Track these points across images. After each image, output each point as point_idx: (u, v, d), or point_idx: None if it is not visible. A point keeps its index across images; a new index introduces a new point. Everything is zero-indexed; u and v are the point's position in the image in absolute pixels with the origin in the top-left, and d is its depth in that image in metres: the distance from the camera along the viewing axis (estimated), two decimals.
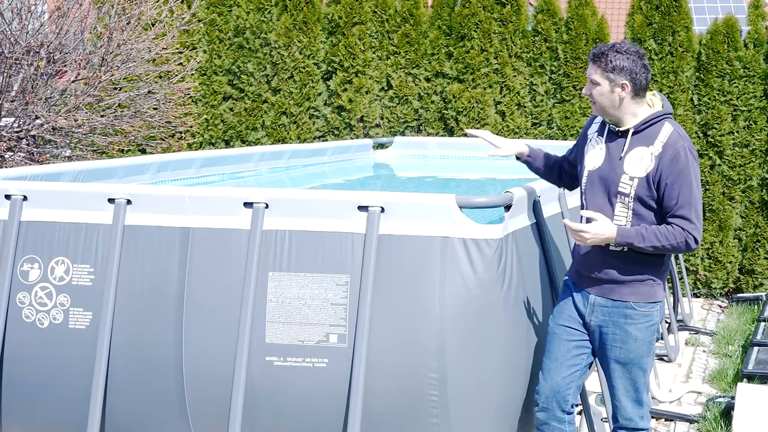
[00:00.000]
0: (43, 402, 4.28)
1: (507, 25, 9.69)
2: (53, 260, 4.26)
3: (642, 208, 4.03)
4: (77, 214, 4.26)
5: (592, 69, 4.09)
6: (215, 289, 4.12)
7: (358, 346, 3.94)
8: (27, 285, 4.27)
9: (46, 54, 6.81)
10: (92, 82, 6.84)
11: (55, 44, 6.82)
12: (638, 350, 4.14)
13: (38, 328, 4.24)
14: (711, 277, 9.53)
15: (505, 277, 4.08)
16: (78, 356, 4.19)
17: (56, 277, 4.25)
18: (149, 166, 5.87)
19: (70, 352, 4.21)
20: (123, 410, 4.22)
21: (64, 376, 4.23)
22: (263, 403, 4.07)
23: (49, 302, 4.24)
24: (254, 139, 9.91)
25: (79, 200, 4.27)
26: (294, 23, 9.83)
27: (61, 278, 4.25)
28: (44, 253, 4.28)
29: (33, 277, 4.27)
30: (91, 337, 4.17)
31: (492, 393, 4.10)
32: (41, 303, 4.25)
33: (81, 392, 4.19)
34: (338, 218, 4.06)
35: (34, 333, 4.25)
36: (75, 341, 4.20)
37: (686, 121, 9.40)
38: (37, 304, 4.26)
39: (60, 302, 4.23)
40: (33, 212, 4.30)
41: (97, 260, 4.22)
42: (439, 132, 9.83)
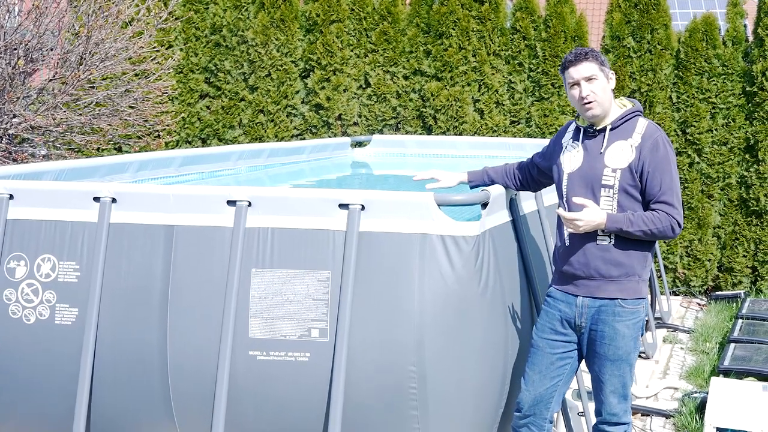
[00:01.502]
0: (30, 397, 4.48)
1: (485, 23, 9.93)
2: (39, 257, 4.46)
3: (626, 200, 4.27)
4: (63, 213, 4.46)
5: (584, 67, 4.31)
6: (199, 286, 4.32)
7: (339, 340, 4.15)
8: (13, 282, 4.47)
9: (25, 53, 6.99)
10: (71, 81, 7.03)
11: (33, 43, 7.00)
12: (626, 346, 4.35)
13: (25, 324, 4.44)
14: (690, 275, 9.79)
15: (482, 273, 4.30)
16: (64, 351, 4.39)
17: (42, 274, 4.45)
18: (130, 164, 6.08)
19: (56, 348, 4.41)
20: (108, 405, 4.42)
21: (51, 371, 4.43)
22: (247, 396, 4.28)
23: (36, 299, 4.44)
24: (231, 138, 10.11)
25: (65, 199, 4.47)
26: (271, 21, 10.04)
27: (47, 275, 4.45)
28: (30, 250, 4.47)
29: (19, 274, 4.47)
30: (77, 332, 4.37)
31: (471, 385, 4.33)
32: (28, 299, 4.45)
33: (67, 387, 4.39)
34: (320, 216, 4.27)
35: (20, 329, 4.44)
36: (61, 337, 4.40)
37: (665, 119, 9.66)
38: (24, 301, 4.45)
39: (46, 299, 4.43)
40: (19, 210, 4.50)
41: (83, 257, 4.42)
42: (418, 130, 10.05)
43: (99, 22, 7.43)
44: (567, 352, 4.43)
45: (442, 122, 9.91)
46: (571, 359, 4.46)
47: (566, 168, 4.42)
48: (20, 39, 7.07)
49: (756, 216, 9.59)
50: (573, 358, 4.46)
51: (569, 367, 4.47)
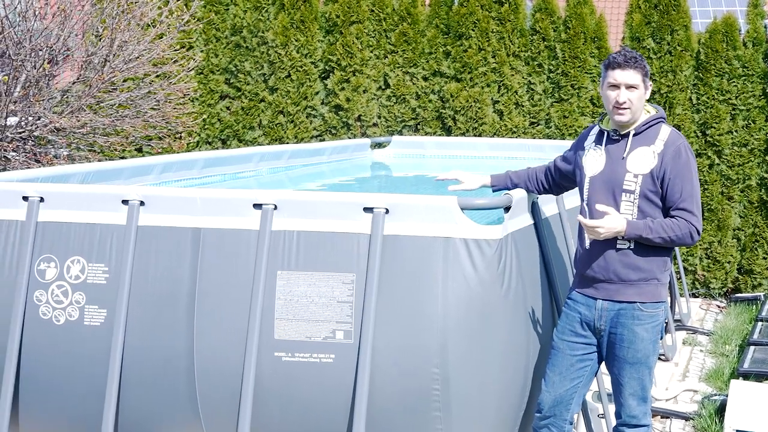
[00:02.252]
0: (59, 397, 4.60)
1: (505, 24, 10.02)
2: (69, 259, 4.58)
3: (646, 205, 4.36)
4: (92, 215, 4.58)
5: (629, 74, 4.37)
6: (225, 288, 4.43)
7: (363, 342, 4.25)
8: (44, 283, 4.59)
9: (49, 55, 7.14)
10: (94, 83, 7.17)
11: (59, 46, 7.14)
12: (645, 350, 4.44)
13: (55, 325, 4.57)
14: (710, 277, 9.86)
15: (504, 276, 4.40)
16: (93, 352, 4.51)
17: (72, 275, 4.57)
18: (154, 167, 6.20)
19: (85, 348, 4.53)
20: (136, 405, 4.54)
21: (80, 371, 4.55)
22: (272, 397, 4.39)
23: (65, 300, 4.57)
24: (251, 139, 10.24)
25: (94, 202, 4.59)
26: (291, 22, 10.16)
27: (76, 277, 4.57)
28: (60, 252, 4.60)
29: (50, 275, 4.59)
30: (106, 333, 4.49)
31: (493, 388, 4.42)
32: (57, 301, 4.57)
33: (95, 387, 4.50)
34: (344, 219, 4.37)
35: (50, 330, 4.57)
36: (90, 337, 4.52)
37: (685, 121, 9.72)
38: (54, 302, 4.58)
39: (76, 300, 4.55)
40: (49, 213, 4.62)
41: (112, 259, 4.54)
42: (437, 131, 10.15)
43: (122, 24, 7.56)
44: (587, 354, 4.53)
45: (461, 123, 10.01)
46: (591, 361, 4.55)
47: (588, 171, 4.51)
48: (45, 41, 7.22)
49: None
50: (593, 360, 4.55)
51: (589, 369, 4.56)
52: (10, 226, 4.65)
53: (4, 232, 4.65)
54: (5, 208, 4.66)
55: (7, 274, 4.61)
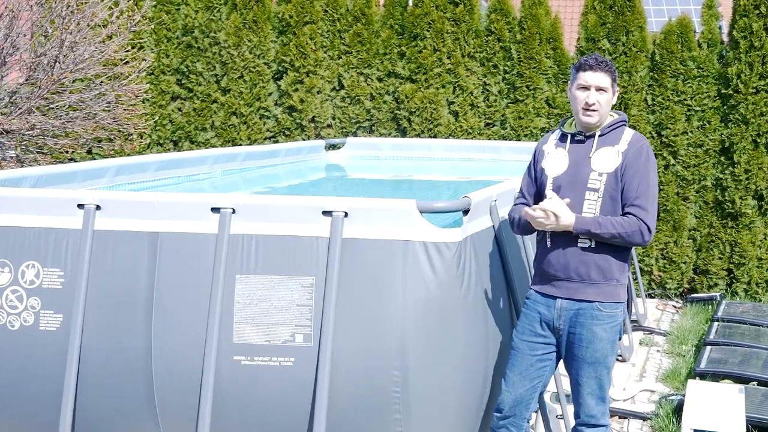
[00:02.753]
0: (15, 402, 4.61)
1: (460, 25, 10.13)
2: (24, 264, 4.60)
3: (610, 204, 4.48)
4: (47, 219, 4.60)
5: (600, 77, 4.52)
6: (184, 292, 4.48)
7: (323, 345, 4.32)
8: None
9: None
10: (45, 84, 7.17)
11: (7, 46, 7.13)
12: (604, 349, 4.55)
13: (9, 330, 4.58)
14: (665, 278, 10.03)
15: (464, 278, 4.49)
16: (49, 357, 4.53)
17: (27, 280, 4.59)
18: (108, 170, 6.22)
19: (41, 354, 4.55)
20: (93, 410, 4.56)
21: (36, 376, 4.57)
22: (231, 401, 4.44)
23: (20, 305, 4.58)
24: (203, 140, 10.26)
25: (49, 206, 4.62)
26: (244, 22, 10.19)
27: (31, 282, 4.59)
28: (15, 257, 4.61)
29: (3, 280, 4.61)
30: (62, 338, 4.51)
31: (453, 388, 4.51)
32: (12, 306, 4.59)
33: (52, 393, 4.53)
34: (303, 222, 4.44)
35: (5, 335, 4.58)
36: (46, 343, 4.54)
37: (640, 122, 9.89)
38: (8, 307, 4.59)
39: (31, 305, 4.57)
40: (3, 217, 4.64)
41: (67, 264, 4.57)
42: (392, 132, 10.24)
43: (72, 25, 7.56)
44: (546, 354, 4.63)
45: (416, 124, 10.10)
46: (550, 361, 4.65)
47: (550, 172, 4.62)
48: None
49: (731, 218, 9.83)
50: (552, 360, 4.66)
51: (548, 368, 4.67)
52: None
53: None
54: None
55: None
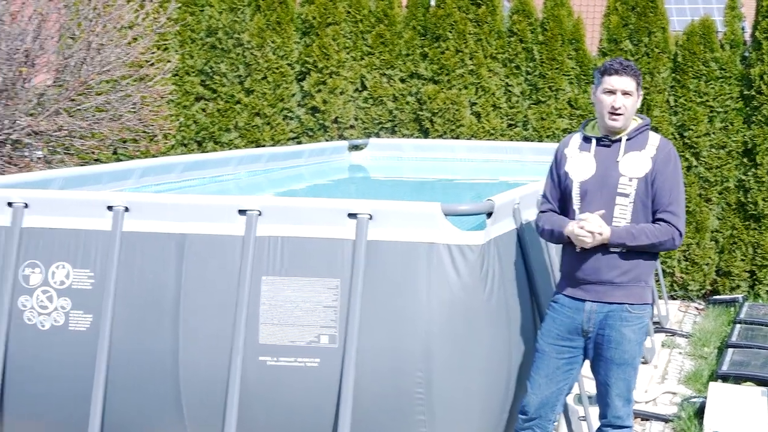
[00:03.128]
0: (45, 402, 4.69)
1: (482, 26, 10.16)
2: (54, 265, 4.68)
3: (640, 209, 4.52)
4: (77, 221, 4.68)
5: (626, 81, 4.55)
6: (210, 293, 4.54)
7: (348, 346, 4.38)
8: (28, 289, 4.68)
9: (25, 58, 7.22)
10: (72, 86, 7.26)
11: (36, 49, 7.23)
12: (632, 351, 4.60)
13: (40, 331, 4.66)
14: (688, 279, 10.04)
15: (487, 281, 4.54)
16: (78, 357, 4.60)
17: (57, 281, 4.67)
18: (134, 171, 6.31)
19: (70, 353, 4.62)
20: (121, 410, 4.63)
21: (65, 376, 4.64)
22: (257, 401, 4.50)
23: (50, 305, 4.66)
24: (227, 141, 10.33)
25: (79, 207, 4.69)
26: (267, 23, 10.26)
27: (61, 282, 4.66)
28: (45, 258, 4.69)
29: (34, 281, 4.69)
30: (91, 338, 4.58)
31: (477, 391, 4.56)
32: (42, 306, 4.67)
33: (81, 392, 4.60)
34: (329, 225, 4.49)
35: (35, 335, 4.66)
36: (75, 342, 4.61)
37: (662, 123, 9.90)
38: (39, 308, 4.67)
39: (61, 305, 4.65)
40: (34, 219, 4.72)
41: (97, 265, 4.64)
42: (414, 133, 10.28)
43: (98, 27, 7.65)
44: (573, 357, 4.67)
45: (438, 125, 10.15)
46: (576, 364, 4.69)
47: (576, 176, 4.63)
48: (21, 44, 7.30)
49: (754, 220, 9.83)
50: (579, 363, 4.70)
51: (575, 371, 4.71)
52: None
53: None
54: None
55: None
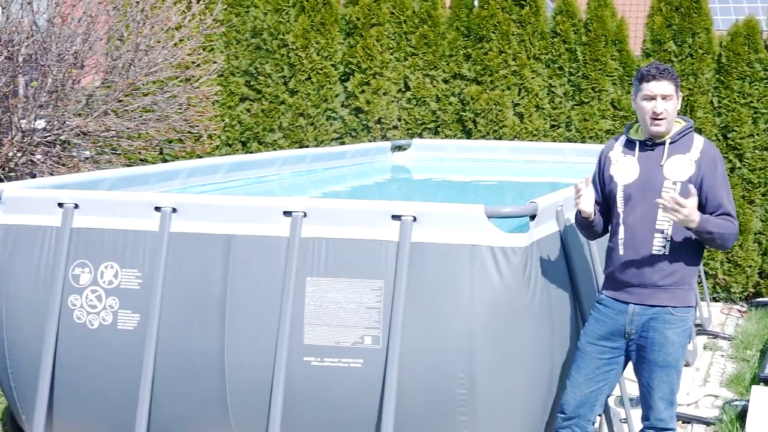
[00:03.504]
0: (93, 399, 4.78)
1: (525, 27, 10.15)
2: (103, 265, 4.76)
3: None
4: (125, 222, 4.76)
5: (664, 85, 4.54)
6: (256, 293, 4.60)
7: (391, 347, 4.41)
8: (78, 288, 4.77)
9: (75, 60, 7.33)
10: (120, 87, 7.37)
11: (85, 51, 7.34)
12: (675, 353, 4.61)
13: (89, 329, 4.74)
14: (730, 281, 9.97)
15: (530, 283, 4.56)
16: (125, 356, 4.69)
17: (105, 280, 4.75)
18: (180, 171, 6.39)
19: (118, 352, 4.71)
20: (167, 409, 4.71)
21: (113, 375, 4.73)
22: (301, 401, 4.55)
23: (99, 304, 4.74)
24: (271, 141, 10.40)
25: (127, 208, 4.77)
26: (311, 24, 10.32)
27: (110, 282, 4.74)
28: (94, 258, 4.77)
29: (84, 281, 4.77)
30: (139, 337, 4.66)
31: (519, 392, 4.59)
32: (92, 305, 4.75)
33: (128, 391, 4.68)
34: (373, 226, 4.53)
35: (84, 334, 4.74)
36: (123, 342, 4.69)
37: (706, 124, 9.84)
38: (88, 307, 4.76)
39: (109, 304, 4.73)
40: (84, 219, 4.80)
41: (144, 265, 4.71)
42: (457, 134, 10.29)
43: (146, 29, 7.75)
44: (614, 358, 4.67)
45: (481, 126, 10.15)
46: (617, 365, 4.70)
47: (620, 180, 4.64)
48: (70, 46, 7.42)
49: None
50: (619, 364, 4.70)
51: (615, 372, 4.71)
52: (46, 232, 4.83)
53: (40, 238, 4.83)
54: (41, 215, 4.84)
55: (43, 279, 4.79)
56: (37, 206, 4.86)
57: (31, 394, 4.81)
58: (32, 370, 4.78)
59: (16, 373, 4.88)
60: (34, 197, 4.92)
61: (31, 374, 4.79)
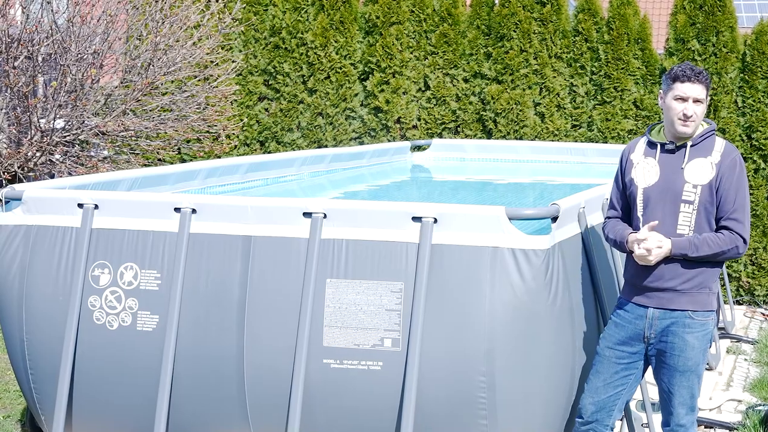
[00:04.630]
0: (112, 400, 4.84)
1: (547, 25, 10.17)
2: (122, 266, 4.81)
3: (704, 217, 4.52)
4: (145, 222, 4.81)
5: (698, 89, 4.53)
6: (275, 295, 4.64)
7: (411, 349, 4.45)
8: (98, 289, 4.82)
9: (94, 59, 7.41)
10: (138, 87, 7.44)
11: (104, 49, 7.41)
12: (696, 358, 4.59)
13: (108, 330, 4.80)
14: (754, 284, 9.95)
15: (552, 286, 4.58)
16: (145, 357, 4.74)
17: (125, 281, 4.80)
18: (199, 172, 6.44)
19: (137, 353, 4.76)
20: (186, 410, 4.76)
21: (132, 375, 4.78)
22: (320, 403, 4.59)
23: (119, 305, 4.79)
24: (290, 140, 10.45)
25: (147, 209, 4.83)
26: (331, 23, 10.36)
27: (129, 283, 4.80)
28: (114, 259, 4.83)
29: (104, 281, 4.83)
30: (158, 339, 4.71)
31: (539, 396, 4.61)
32: (111, 306, 4.80)
33: (147, 392, 4.73)
34: (393, 228, 4.57)
35: (104, 334, 4.80)
36: (142, 343, 4.75)
37: (730, 124, 9.82)
38: (108, 307, 4.81)
39: (129, 305, 4.78)
40: (104, 220, 4.86)
41: (164, 266, 4.77)
42: (477, 134, 10.31)
43: (165, 28, 7.81)
44: (633, 363, 4.68)
45: (502, 126, 10.17)
46: (636, 370, 4.70)
47: (641, 183, 4.63)
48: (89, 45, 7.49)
49: None
50: (639, 368, 4.71)
51: (633, 377, 4.72)
52: (66, 232, 4.88)
53: (60, 239, 4.89)
54: (61, 215, 4.90)
55: (63, 280, 4.85)
56: (57, 207, 4.92)
57: (50, 395, 4.88)
58: (52, 371, 4.84)
59: (36, 374, 4.95)
60: (54, 197, 4.98)
61: (50, 375, 4.86)
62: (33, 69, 7.50)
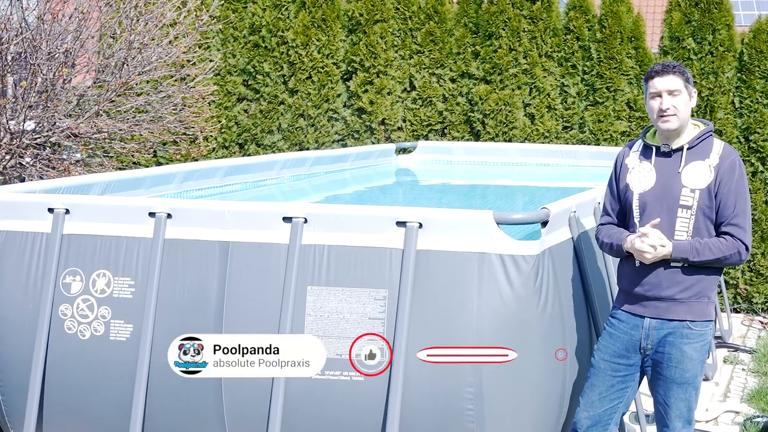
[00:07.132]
0: (84, 412, 4.82)
1: (537, 23, 10.19)
2: (95, 273, 4.80)
3: (702, 222, 4.51)
4: (118, 228, 4.80)
5: (669, 80, 4.54)
6: (254, 303, 4.64)
7: (395, 359, 4.45)
8: (69, 297, 4.81)
9: (66, 58, 7.39)
10: (113, 88, 7.42)
11: (77, 49, 7.40)
12: (693, 369, 4.59)
13: (80, 340, 4.79)
14: (752, 291, 9.97)
15: (541, 293, 4.59)
16: (119, 367, 4.73)
17: (98, 289, 4.79)
18: (175, 175, 6.44)
19: (110, 364, 4.75)
20: (162, 422, 4.75)
21: (105, 386, 4.77)
22: (301, 416, 4.59)
23: (91, 314, 4.79)
24: (270, 143, 10.43)
25: (120, 214, 4.82)
26: (312, 21, 10.36)
27: (102, 291, 4.79)
28: (86, 265, 4.82)
29: (75, 289, 4.82)
30: (132, 348, 4.70)
31: (529, 407, 4.61)
32: (83, 315, 4.80)
33: (121, 403, 4.72)
34: (376, 233, 4.57)
35: (75, 344, 4.79)
36: (116, 353, 4.74)
37: (727, 126, 9.85)
38: (79, 316, 4.80)
39: (101, 314, 4.77)
40: (75, 225, 4.85)
41: (138, 273, 4.76)
42: (465, 136, 10.31)
43: (140, 26, 7.81)
44: (629, 375, 4.68)
45: (490, 127, 10.18)
46: (633, 382, 4.70)
47: (636, 188, 4.63)
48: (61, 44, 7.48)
49: None
50: (635, 380, 4.71)
51: (630, 389, 4.72)
52: (36, 238, 4.88)
53: (30, 245, 4.88)
54: (31, 220, 4.89)
55: (33, 287, 4.85)
56: (26, 211, 4.91)
57: (20, 407, 4.86)
58: (21, 382, 4.83)
59: (5, 385, 4.94)
60: (23, 202, 4.97)
61: (20, 386, 4.85)
62: (2, 68, 7.48)
